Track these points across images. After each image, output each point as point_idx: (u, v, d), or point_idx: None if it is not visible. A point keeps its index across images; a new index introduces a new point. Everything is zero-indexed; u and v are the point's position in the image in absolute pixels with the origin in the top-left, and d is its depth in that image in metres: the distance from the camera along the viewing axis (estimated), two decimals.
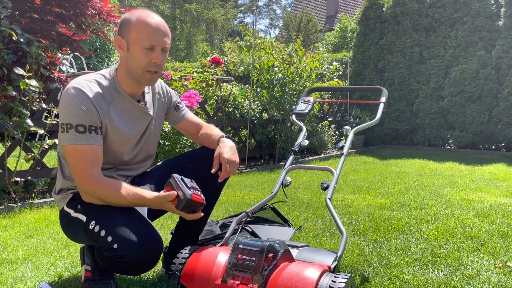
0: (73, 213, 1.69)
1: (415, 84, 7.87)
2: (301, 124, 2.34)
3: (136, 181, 1.87)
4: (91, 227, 1.60)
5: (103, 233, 1.55)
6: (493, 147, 7.48)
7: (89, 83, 1.67)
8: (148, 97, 1.85)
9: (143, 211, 1.72)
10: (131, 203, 1.63)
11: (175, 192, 1.58)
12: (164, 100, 1.95)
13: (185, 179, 1.63)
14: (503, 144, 7.36)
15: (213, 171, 1.76)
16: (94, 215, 1.63)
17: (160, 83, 1.96)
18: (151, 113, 1.85)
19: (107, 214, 1.61)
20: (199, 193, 1.62)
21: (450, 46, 7.49)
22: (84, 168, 1.60)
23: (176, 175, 1.62)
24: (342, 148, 2.15)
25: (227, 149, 1.79)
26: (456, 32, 7.43)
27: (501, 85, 7.09)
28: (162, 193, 1.60)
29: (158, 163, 2.02)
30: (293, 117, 2.44)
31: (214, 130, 1.98)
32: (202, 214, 1.66)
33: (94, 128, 1.63)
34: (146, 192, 1.65)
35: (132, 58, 1.68)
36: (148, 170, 1.97)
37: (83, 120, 1.60)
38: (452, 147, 7.76)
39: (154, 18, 1.69)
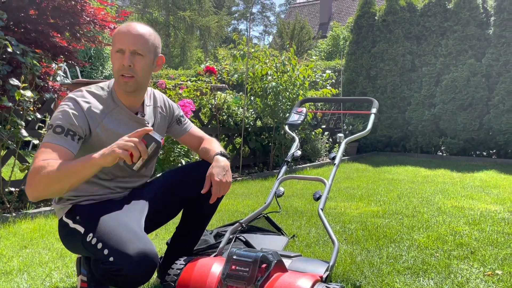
0: (71, 224, 1.71)
1: (407, 92, 7.96)
2: (294, 134, 2.39)
3: (134, 193, 1.89)
4: (88, 239, 1.61)
5: (99, 245, 1.57)
6: (485, 153, 7.57)
7: (85, 93, 1.72)
8: (148, 110, 1.88)
9: (140, 225, 1.74)
10: (77, 165, 1.51)
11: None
12: (166, 114, 1.98)
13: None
14: (494, 150, 7.46)
15: (203, 191, 1.78)
16: (92, 227, 1.64)
17: (162, 97, 1.99)
18: (149, 125, 1.87)
19: (105, 227, 1.62)
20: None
21: (441, 54, 7.60)
22: (40, 158, 1.52)
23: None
24: (334, 158, 2.19)
25: (219, 170, 1.80)
26: (447, 40, 7.55)
27: (492, 93, 7.20)
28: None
29: (158, 175, 2.05)
30: (286, 128, 2.48)
31: (213, 145, 1.99)
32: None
33: (72, 133, 1.61)
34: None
35: (112, 65, 1.75)
36: (148, 181, 2.00)
37: (64, 123, 1.60)
38: (444, 154, 7.85)
39: (129, 26, 1.72)
